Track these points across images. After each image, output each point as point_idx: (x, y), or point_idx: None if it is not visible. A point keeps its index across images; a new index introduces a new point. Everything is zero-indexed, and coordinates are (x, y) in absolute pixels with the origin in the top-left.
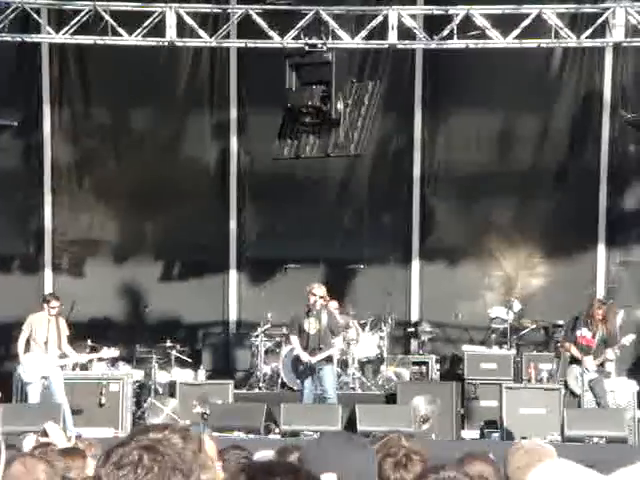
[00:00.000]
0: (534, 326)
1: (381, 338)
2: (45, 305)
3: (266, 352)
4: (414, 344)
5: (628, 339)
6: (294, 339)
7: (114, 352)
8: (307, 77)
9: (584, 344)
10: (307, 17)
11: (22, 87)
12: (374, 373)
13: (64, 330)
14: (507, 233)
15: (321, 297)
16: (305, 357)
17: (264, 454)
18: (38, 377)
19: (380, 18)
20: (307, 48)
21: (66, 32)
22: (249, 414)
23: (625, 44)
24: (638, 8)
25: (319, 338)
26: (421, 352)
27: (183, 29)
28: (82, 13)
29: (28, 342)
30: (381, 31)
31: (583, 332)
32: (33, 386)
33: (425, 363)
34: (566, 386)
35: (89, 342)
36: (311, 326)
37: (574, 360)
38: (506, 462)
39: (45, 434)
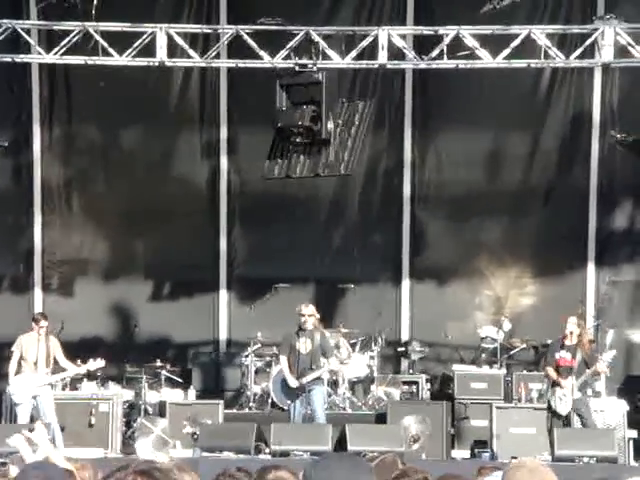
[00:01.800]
0: (524, 345)
1: (371, 357)
2: (34, 325)
3: (256, 372)
4: (404, 364)
5: (609, 355)
6: (283, 360)
7: (100, 363)
8: (297, 97)
9: (565, 365)
10: (297, 37)
11: (12, 107)
12: (364, 393)
13: (56, 348)
14: (497, 252)
15: (310, 315)
16: (292, 382)
17: None
18: (28, 397)
19: (370, 38)
20: (297, 68)
21: (57, 52)
22: (239, 434)
23: (614, 64)
24: (627, 29)
25: (310, 358)
26: (411, 372)
27: (174, 49)
28: (72, 33)
29: (18, 362)
30: (371, 51)
31: (562, 354)
32: (23, 407)
33: (415, 383)
34: (549, 408)
35: (79, 362)
36: (302, 346)
37: (556, 382)
38: (505, 476)
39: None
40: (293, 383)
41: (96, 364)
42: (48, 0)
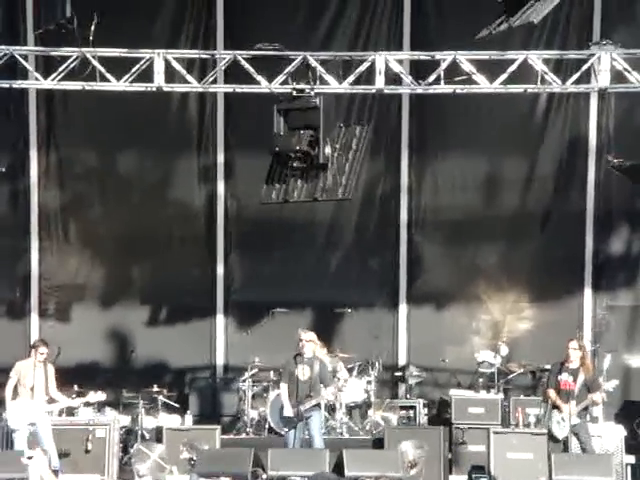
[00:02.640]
0: (521, 370)
1: (368, 382)
2: (33, 351)
3: (253, 397)
4: (402, 388)
5: (611, 384)
6: (283, 388)
7: (101, 396)
8: (295, 122)
9: (566, 389)
10: (295, 62)
11: (9, 132)
12: (362, 418)
13: (52, 376)
14: (494, 277)
15: (309, 341)
16: (289, 412)
17: None
18: (24, 424)
19: (367, 63)
20: (295, 93)
21: (54, 78)
22: (236, 459)
23: (610, 90)
24: (623, 54)
25: (310, 386)
26: (409, 396)
27: (171, 74)
28: (70, 59)
29: (15, 389)
30: (368, 76)
31: (564, 377)
32: (19, 433)
33: (413, 407)
34: (549, 432)
35: (76, 387)
36: (301, 372)
37: (555, 406)
38: None
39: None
40: (289, 412)
41: (96, 397)
42: (46, 26)
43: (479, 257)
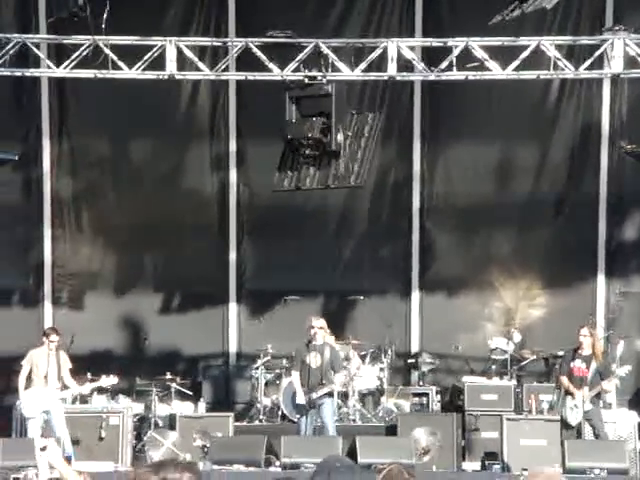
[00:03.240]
0: (534, 357)
1: (381, 369)
2: (45, 339)
3: (266, 384)
4: (414, 375)
5: (624, 370)
6: (295, 375)
7: (113, 379)
8: (307, 109)
9: (579, 375)
10: (307, 50)
11: (22, 121)
12: (374, 405)
13: (65, 363)
14: (507, 264)
15: (320, 328)
16: (300, 398)
17: None
18: (38, 412)
19: (379, 50)
20: (307, 80)
21: (66, 66)
22: (249, 447)
23: (623, 75)
24: (636, 40)
25: (321, 373)
26: (421, 383)
27: (183, 62)
28: (82, 47)
29: (29, 377)
30: (380, 63)
31: (576, 363)
32: (33, 421)
33: (425, 394)
34: (562, 418)
35: (89, 375)
36: (313, 360)
37: (568, 392)
38: None
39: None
40: (301, 399)
41: (109, 380)
42: (58, 14)
43: (492, 244)
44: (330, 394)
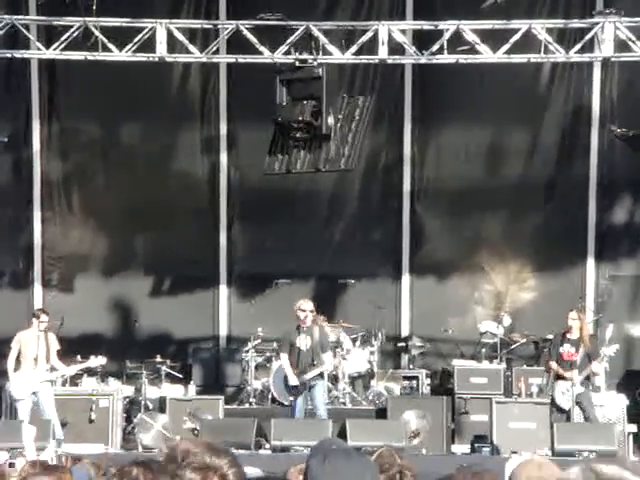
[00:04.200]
0: (524, 340)
1: (371, 353)
2: (35, 320)
3: (256, 367)
4: (404, 359)
5: (612, 349)
6: (284, 357)
7: (101, 360)
8: (298, 92)
9: (569, 360)
10: (297, 32)
11: (11, 102)
12: (364, 388)
13: (54, 345)
14: (497, 247)
15: (311, 311)
16: (293, 380)
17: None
18: (28, 394)
19: (370, 33)
20: (297, 63)
21: (56, 48)
22: (239, 429)
23: (614, 59)
24: (627, 23)
25: (312, 354)
26: (411, 367)
27: (173, 44)
28: (72, 29)
29: (17, 359)
30: (371, 46)
31: (565, 348)
32: (23, 403)
33: (415, 378)
34: (553, 402)
35: (79, 357)
36: (303, 342)
37: (559, 376)
38: (516, 473)
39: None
40: (294, 381)
41: (97, 361)
42: None
43: (482, 227)
44: (321, 376)
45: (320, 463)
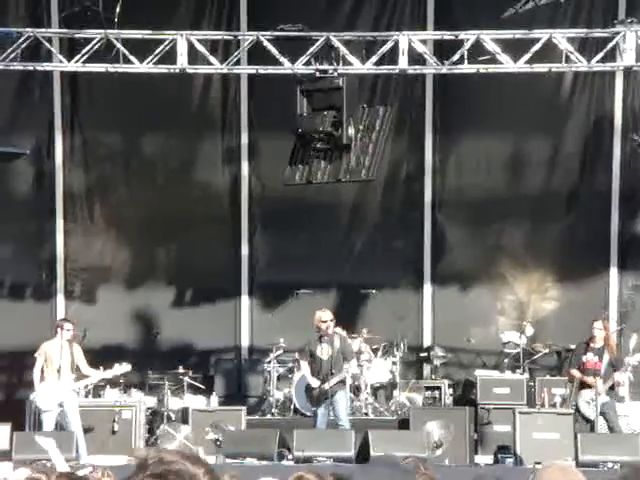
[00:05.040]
0: (547, 350)
1: (393, 363)
2: (59, 330)
3: (278, 378)
4: (427, 369)
5: (636, 358)
6: (304, 365)
7: (126, 367)
8: (318, 103)
9: (592, 368)
10: (318, 43)
11: (34, 115)
12: (387, 398)
13: (80, 355)
14: (519, 257)
15: (331, 320)
16: (314, 382)
17: None
18: (54, 405)
19: (390, 43)
20: (318, 74)
21: (78, 60)
22: (262, 440)
23: (636, 68)
24: None
25: (331, 364)
26: (434, 377)
27: (194, 56)
28: (94, 41)
29: (43, 369)
30: (391, 56)
31: (588, 357)
32: (49, 414)
33: (438, 388)
34: (578, 411)
35: (101, 369)
36: (323, 352)
37: (583, 385)
38: (537, 476)
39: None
40: (315, 383)
41: (122, 368)
42: (71, 9)
43: (504, 237)
44: (343, 386)
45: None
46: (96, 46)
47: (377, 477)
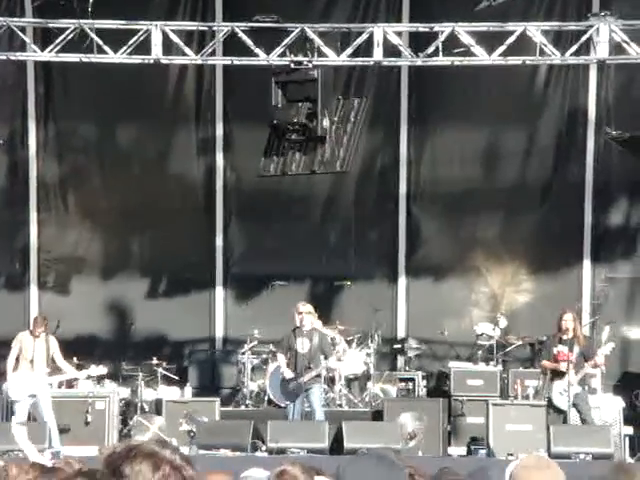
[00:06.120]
0: (520, 342)
1: (368, 355)
2: (33, 325)
3: (253, 369)
4: (401, 361)
5: (608, 348)
6: (281, 357)
7: (102, 370)
8: (293, 94)
9: (563, 360)
10: (293, 34)
11: (7, 105)
12: (361, 390)
13: (55, 348)
14: (493, 249)
15: (308, 313)
16: (288, 374)
17: (253, 473)
18: (25, 395)
19: (365, 35)
20: (293, 65)
21: (52, 50)
22: (236, 431)
23: (609, 61)
24: (622, 26)
25: (309, 358)
26: (408, 369)
27: (169, 46)
28: (68, 31)
29: (17, 360)
30: (367, 48)
31: (559, 348)
32: (20, 404)
33: (412, 380)
34: (550, 403)
35: (75, 360)
36: (300, 345)
37: (555, 377)
38: (514, 475)
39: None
40: (289, 375)
41: (97, 370)
42: None
43: (478, 229)
44: (319, 377)
45: (347, 464)
46: (70, 36)
47: (366, 470)
